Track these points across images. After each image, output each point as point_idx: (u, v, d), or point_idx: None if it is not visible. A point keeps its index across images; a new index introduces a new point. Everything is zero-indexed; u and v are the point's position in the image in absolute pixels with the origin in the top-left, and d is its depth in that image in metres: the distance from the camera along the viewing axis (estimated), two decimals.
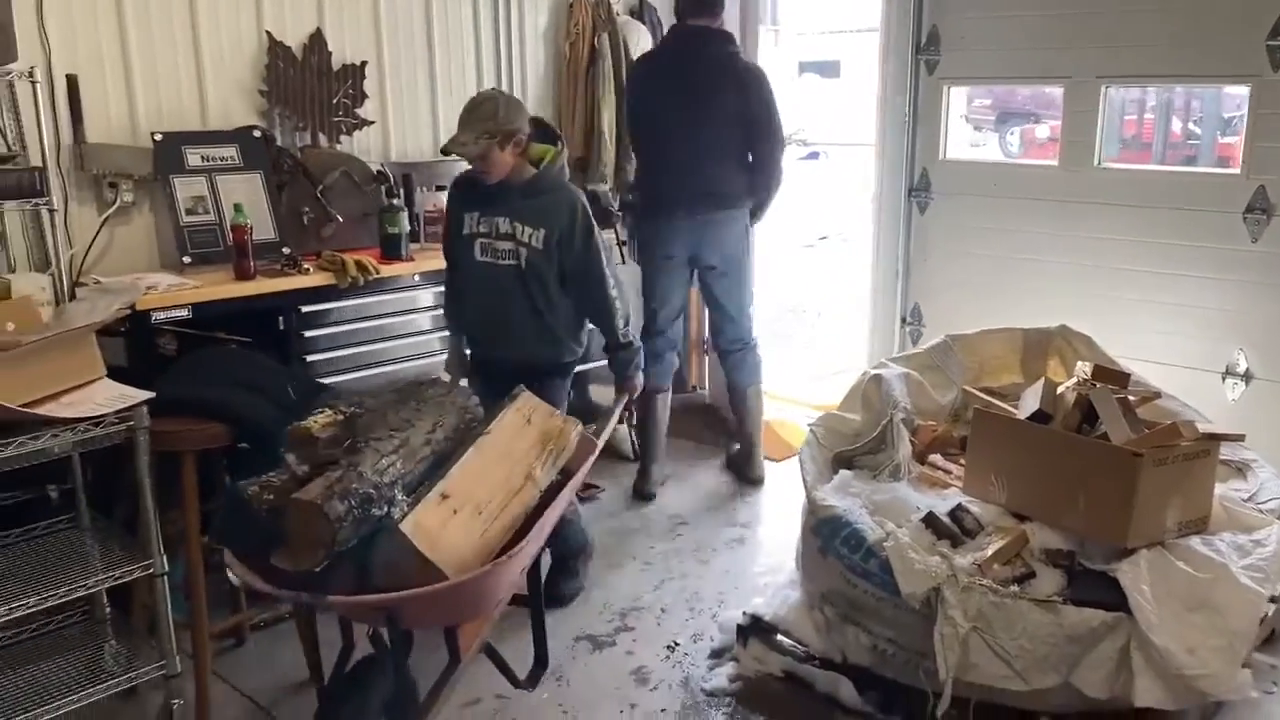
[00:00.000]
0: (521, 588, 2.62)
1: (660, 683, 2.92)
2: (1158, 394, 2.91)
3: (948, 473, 2.92)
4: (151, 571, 2.61)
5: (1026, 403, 2.75)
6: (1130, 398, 2.68)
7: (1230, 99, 6.02)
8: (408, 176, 3.96)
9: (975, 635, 2.40)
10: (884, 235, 4.61)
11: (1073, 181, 3.99)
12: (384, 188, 3.76)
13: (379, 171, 3.87)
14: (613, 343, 3.16)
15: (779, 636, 2.90)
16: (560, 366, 3.17)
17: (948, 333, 3.47)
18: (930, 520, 2.66)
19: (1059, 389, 2.74)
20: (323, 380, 3.20)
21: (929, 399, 3.20)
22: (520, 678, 2.66)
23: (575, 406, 3.39)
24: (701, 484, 4.33)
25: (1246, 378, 3.65)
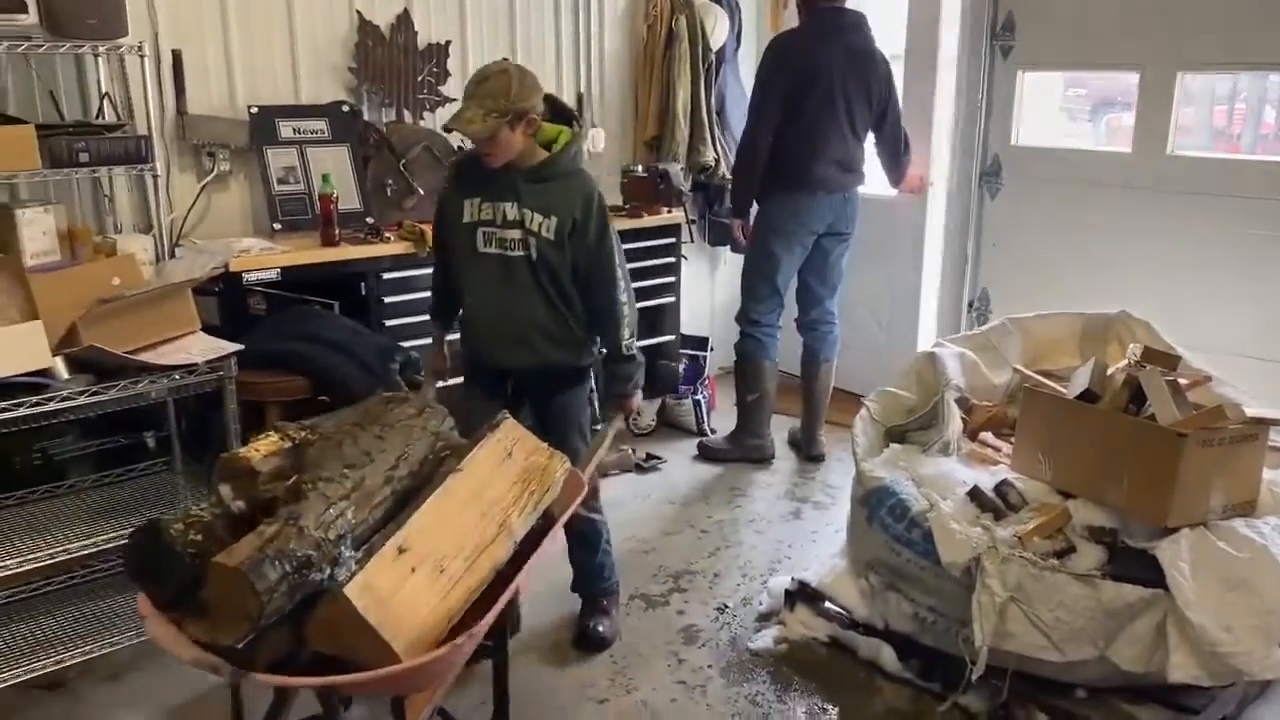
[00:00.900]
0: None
1: (708, 641, 3.04)
2: (1208, 378, 2.91)
3: (997, 450, 2.97)
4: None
5: (1076, 382, 2.78)
6: (1181, 380, 2.70)
7: None
8: None
9: (1013, 605, 2.46)
10: (953, 220, 4.63)
11: (1145, 169, 3.97)
12: None
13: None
14: (615, 353, 2.79)
15: (825, 603, 3.00)
16: (580, 371, 2.84)
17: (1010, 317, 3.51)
18: (975, 494, 2.72)
19: (1109, 370, 2.77)
20: (401, 344, 3.37)
21: (983, 378, 3.25)
22: None
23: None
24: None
25: None
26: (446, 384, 3.00)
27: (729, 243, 4.74)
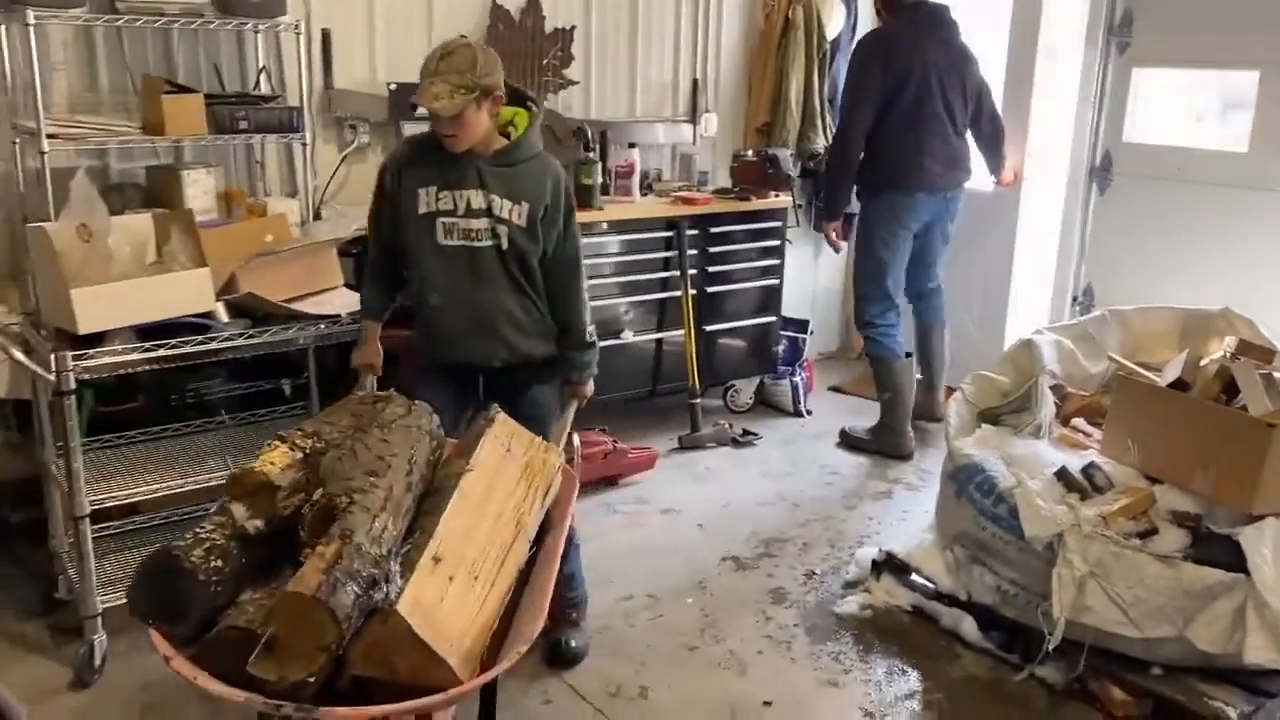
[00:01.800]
0: None
1: (795, 603, 3.19)
2: None
3: (1088, 435, 3.06)
4: None
5: (1168, 371, 2.85)
6: (1275, 374, 2.74)
7: None
8: (604, 133, 4.32)
9: (1092, 580, 2.56)
10: (1061, 214, 4.66)
11: (1261, 169, 3.95)
12: (582, 142, 4.13)
13: (579, 128, 4.24)
14: (576, 339, 2.70)
15: (911, 575, 3.13)
16: (552, 361, 2.72)
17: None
18: (1062, 474, 2.81)
19: (1202, 361, 2.83)
20: None
21: (1079, 367, 3.32)
22: None
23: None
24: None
25: None
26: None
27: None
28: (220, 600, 1.71)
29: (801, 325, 4.92)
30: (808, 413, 4.79)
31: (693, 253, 4.32)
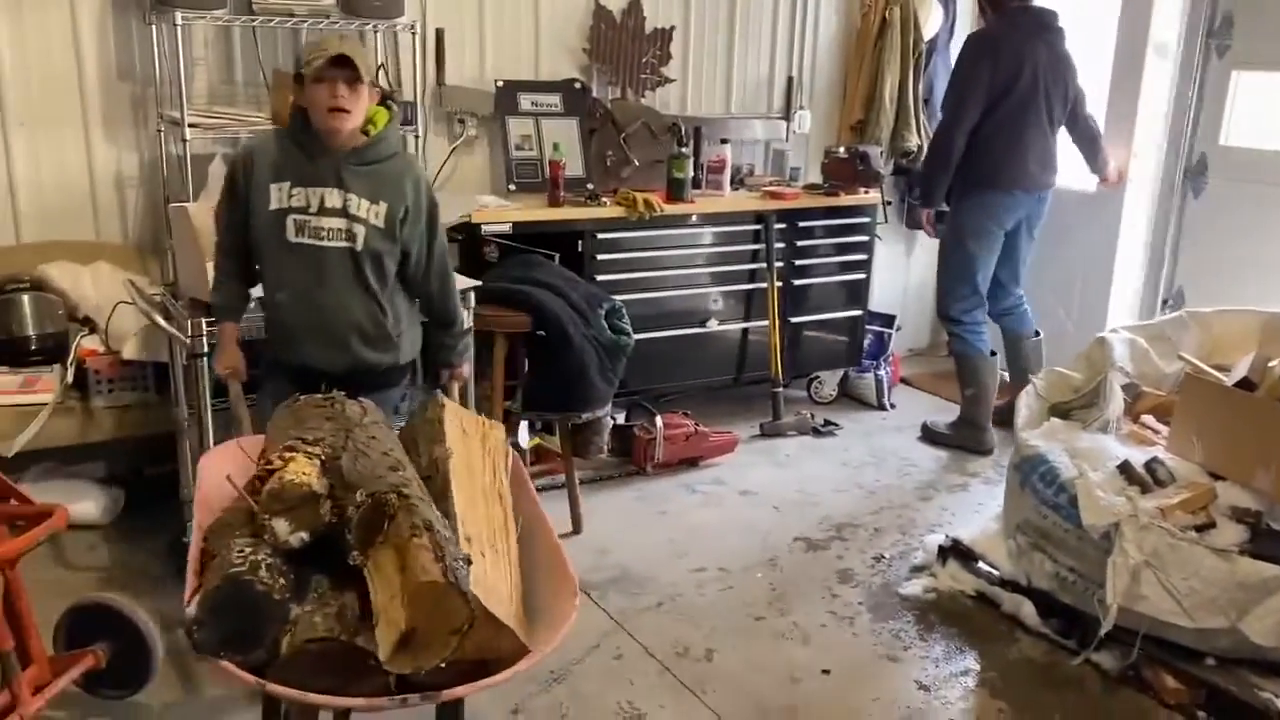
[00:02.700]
0: None
1: (861, 583, 3.33)
2: None
3: (1156, 431, 3.11)
4: None
5: (1236, 371, 2.89)
6: None
7: None
8: (698, 130, 4.50)
9: (1147, 569, 2.64)
10: (1155, 217, 4.66)
11: None
12: (676, 138, 4.32)
13: (673, 124, 4.43)
14: (456, 330, 2.78)
15: (977, 562, 3.23)
16: (397, 371, 2.70)
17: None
18: (1125, 468, 2.89)
19: (1271, 362, 2.86)
20: (610, 295, 3.79)
21: (1153, 366, 3.37)
22: None
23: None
24: None
25: None
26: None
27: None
28: (290, 617, 1.71)
29: (888, 320, 5.01)
30: (891, 406, 4.89)
31: (780, 246, 4.47)
